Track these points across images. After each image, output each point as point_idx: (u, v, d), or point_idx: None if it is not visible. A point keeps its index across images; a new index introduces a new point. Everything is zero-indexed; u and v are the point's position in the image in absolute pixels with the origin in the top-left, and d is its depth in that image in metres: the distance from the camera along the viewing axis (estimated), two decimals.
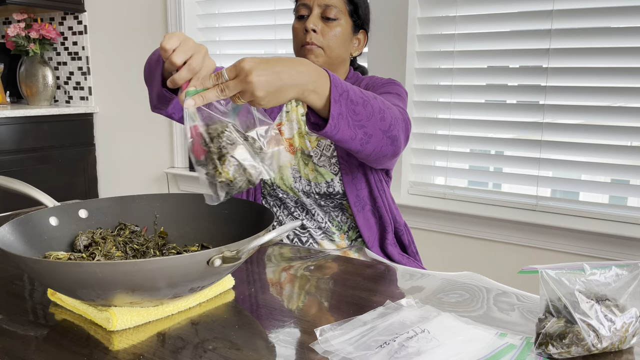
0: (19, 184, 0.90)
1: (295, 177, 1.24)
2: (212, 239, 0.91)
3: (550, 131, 1.88)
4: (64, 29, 3.10)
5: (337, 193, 1.22)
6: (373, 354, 0.63)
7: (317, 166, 1.23)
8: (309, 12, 1.20)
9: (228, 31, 2.65)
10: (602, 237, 1.78)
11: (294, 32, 1.24)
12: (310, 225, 1.26)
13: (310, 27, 1.18)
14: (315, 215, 1.26)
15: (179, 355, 0.64)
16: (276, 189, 1.26)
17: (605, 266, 0.66)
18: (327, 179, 1.21)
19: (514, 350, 0.64)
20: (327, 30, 1.20)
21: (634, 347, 0.68)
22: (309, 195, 1.24)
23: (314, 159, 1.23)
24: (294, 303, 0.81)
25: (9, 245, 0.74)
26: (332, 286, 0.88)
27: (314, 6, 1.19)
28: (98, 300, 0.70)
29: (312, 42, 1.18)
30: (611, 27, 1.75)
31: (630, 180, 1.83)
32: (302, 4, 1.21)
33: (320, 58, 1.20)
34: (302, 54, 1.21)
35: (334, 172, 1.22)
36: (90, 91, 3.09)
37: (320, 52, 1.20)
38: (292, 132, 1.27)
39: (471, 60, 1.99)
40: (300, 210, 1.27)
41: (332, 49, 1.21)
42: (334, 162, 1.22)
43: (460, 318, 0.73)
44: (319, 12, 1.20)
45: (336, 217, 1.26)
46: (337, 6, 1.20)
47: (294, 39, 1.24)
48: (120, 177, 3.10)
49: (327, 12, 1.19)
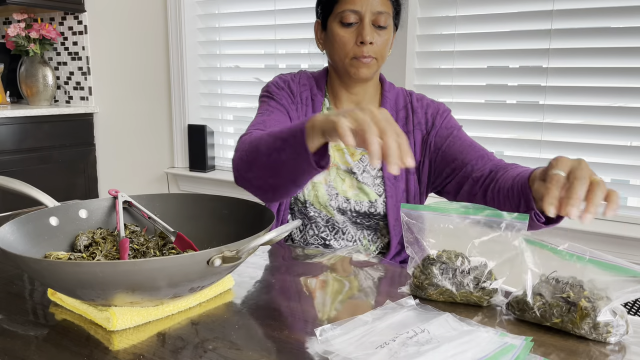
0: (19, 184, 0.90)
1: (331, 195, 1.18)
2: (212, 239, 0.91)
3: (550, 131, 1.88)
4: (64, 29, 3.10)
5: (377, 214, 1.17)
6: (373, 354, 0.63)
7: (361, 183, 1.18)
8: (358, 20, 1.11)
9: (228, 31, 2.64)
10: (602, 237, 1.78)
11: (340, 41, 1.13)
12: (336, 245, 1.20)
13: (368, 40, 1.10)
14: (345, 234, 1.20)
15: (179, 355, 0.64)
16: (309, 206, 1.18)
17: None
18: (371, 199, 1.17)
19: (514, 350, 0.64)
20: (379, 40, 1.12)
21: (634, 347, 0.68)
22: (344, 212, 1.18)
23: (357, 175, 1.18)
24: (294, 303, 0.81)
25: (9, 245, 0.74)
26: (333, 286, 0.88)
27: (366, 14, 1.10)
28: (98, 300, 0.70)
29: (369, 55, 1.12)
30: (611, 27, 1.75)
31: (630, 180, 1.83)
32: (351, 10, 1.11)
33: (372, 68, 1.14)
34: (353, 66, 1.14)
35: (379, 193, 1.17)
36: (90, 91, 3.09)
37: (374, 62, 1.14)
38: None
39: (471, 60, 1.99)
40: (329, 230, 1.20)
41: (383, 57, 1.15)
42: (379, 183, 1.18)
43: (460, 318, 0.73)
44: (370, 20, 1.11)
45: (368, 236, 1.21)
46: (388, 12, 1.13)
47: (341, 49, 1.14)
48: (120, 177, 3.10)
49: (379, 20, 1.11)
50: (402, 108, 1.23)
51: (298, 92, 1.23)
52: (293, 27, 2.43)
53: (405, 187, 1.18)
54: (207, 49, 2.73)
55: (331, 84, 1.25)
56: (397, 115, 1.22)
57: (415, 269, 0.83)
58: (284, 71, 2.49)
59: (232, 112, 2.75)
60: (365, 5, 1.10)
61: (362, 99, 1.23)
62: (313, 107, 1.22)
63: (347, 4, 1.11)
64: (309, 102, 1.23)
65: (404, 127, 1.21)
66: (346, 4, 1.11)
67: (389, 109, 1.21)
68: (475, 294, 0.78)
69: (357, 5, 1.10)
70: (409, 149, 0.70)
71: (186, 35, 2.67)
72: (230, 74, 2.72)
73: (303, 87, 1.24)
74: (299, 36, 2.42)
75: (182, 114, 2.76)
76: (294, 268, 0.98)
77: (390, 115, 0.74)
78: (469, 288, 0.78)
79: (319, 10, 1.20)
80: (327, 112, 0.95)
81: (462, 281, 0.79)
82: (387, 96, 1.23)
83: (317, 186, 1.18)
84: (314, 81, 1.25)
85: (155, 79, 2.84)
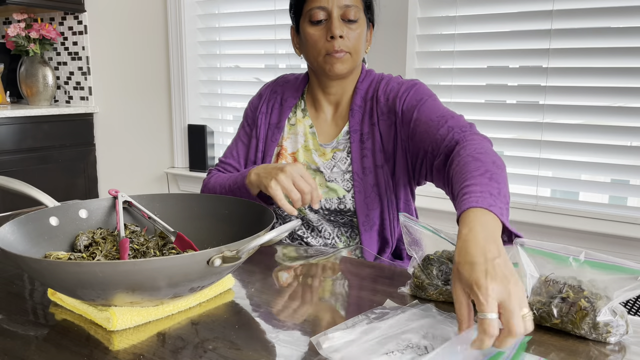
0: (19, 184, 0.90)
1: None
2: (212, 239, 0.91)
3: (550, 131, 1.88)
4: (64, 29, 3.10)
5: (347, 210, 1.17)
6: (373, 353, 0.63)
7: (327, 182, 1.18)
8: (327, 16, 1.11)
9: (228, 31, 2.65)
10: (602, 237, 1.78)
11: (312, 39, 1.13)
12: (315, 242, 1.21)
13: (337, 34, 1.09)
14: (322, 232, 1.21)
15: (179, 355, 0.64)
16: (276, 208, 1.20)
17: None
18: (339, 195, 1.17)
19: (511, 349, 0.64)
20: (351, 33, 1.12)
21: (633, 346, 0.68)
22: (316, 211, 1.19)
23: (325, 174, 1.19)
24: (294, 303, 0.81)
25: (9, 245, 0.74)
26: (333, 286, 0.88)
27: (334, 8, 1.10)
28: (98, 300, 0.70)
29: (341, 49, 1.11)
30: (611, 27, 1.75)
31: (630, 180, 1.83)
32: (318, 7, 1.11)
33: (347, 64, 1.13)
34: (327, 63, 1.13)
35: (347, 189, 1.17)
36: (90, 91, 3.09)
37: (348, 57, 1.13)
38: (296, 145, 1.23)
39: (471, 60, 1.99)
40: (305, 228, 1.22)
41: (357, 52, 1.14)
42: (348, 178, 1.17)
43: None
44: (339, 15, 1.11)
45: (345, 233, 1.21)
46: (356, 5, 1.12)
47: (313, 47, 1.14)
48: (120, 177, 3.10)
49: (348, 14, 1.10)
50: (369, 99, 1.20)
51: (265, 101, 1.29)
52: None
53: (375, 181, 1.16)
54: (207, 49, 2.73)
55: (310, 87, 1.27)
56: (365, 107, 1.19)
57: (415, 269, 0.83)
58: (284, 71, 2.49)
59: (232, 112, 2.75)
60: (332, 0, 1.11)
61: (341, 99, 1.23)
62: (280, 111, 1.27)
63: (313, 2, 1.12)
64: (275, 108, 1.28)
65: (369, 120, 1.18)
66: (313, 2, 1.12)
67: (358, 101, 1.19)
68: None
69: (323, 1, 1.11)
70: (319, 196, 1.00)
71: (186, 35, 2.67)
72: (230, 74, 2.72)
73: (273, 94, 1.29)
74: None
75: (182, 114, 2.76)
76: (294, 268, 0.98)
77: (305, 170, 1.00)
78: None
79: (292, 15, 1.21)
80: (261, 168, 1.04)
81: None
82: (359, 87, 1.21)
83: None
84: (291, 85, 1.29)
85: (155, 79, 2.84)
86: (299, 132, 1.24)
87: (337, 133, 1.22)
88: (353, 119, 1.19)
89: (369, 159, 1.17)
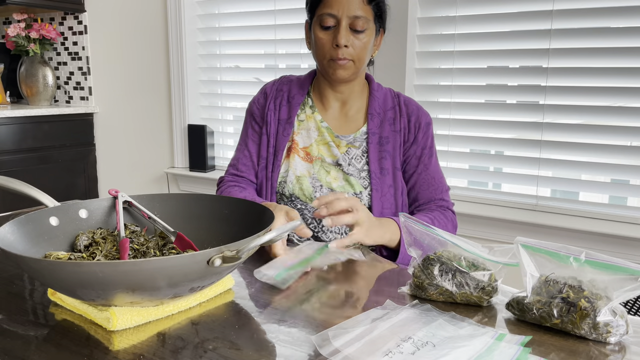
0: (19, 184, 0.90)
1: (316, 187, 1.21)
2: (212, 239, 0.91)
3: (550, 131, 1.88)
4: (64, 29, 3.10)
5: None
6: (373, 353, 0.63)
7: (347, 175, 1.21)
8: (336, 23, 1.15)
9: (228, 31, 2.65)
10: (602, 237, 1.78)
11: (320, 42, 1.18)
12: (325, 238, 1.22)
13: (342, 44, 1.14)
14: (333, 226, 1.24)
15: (179, 355, 0.64)
16: (295, 200, 1.22)
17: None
18: (355, 190, 1.20)
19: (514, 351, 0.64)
20: (357, 43, 1.16)
21: (633, 346, 0.68)
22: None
23: (344, 167, 1.22)
24: (294, 303, 0.81)
25: (9, 245, 0.74)
26: (333, 286, 0.88)
27: (343, 17, 1.14)
28: (98, 300, 0.70)
29: (344, 57, 1.16)
30: (611, 27, 1.75)
31: (630, 180, 1.83)
32: (329, 13, 1.15)
33: (349, 71, 1.18)
34: (330, 67, 1.19)
35: (364, 186, 1.20)
36: (90, 91, 3.09)
37: (351, 64, 1.18)
38: (309, 140, 1.26)
39: (471, 60, 1.99)
40: (317, 222, 1.23)
41: (361, 60, 1.19)
42: (364, 176, 1.21)
43: (460, 318, 0.73)
44: (347, 24, 1.15)
45: None
46: (365, 16, 1.15)
47: (320, 50, 1.19)
48: (120, 177, 3.10)
49: (356, 25, 1.15)
50: (390, 108, 1.28)
51: (272, 99, 1.31)
52: (293, 27, 2.43)
53: (393, 182, 1.21)
54: (207, 49, 2.73)
55: (317, 84, 1.31)
56: (384, 115, 1.27)
57: (416, 268, 0.83)
58: (284, 71, 2.49)
59: (232, 112, 2.75)
60: (342, 10, 1.14)
61: (348, 97, 1.28)
62: (289, 107, 1.29)
63: (325, 8, 1.16)
64: (283, 105, 1.30)
65: (391, 127, 1.25)
66: (325, 8, 1.16)
67: (377, 108, 1.26)
68: (475, 294, 0.78)
69: (334, 9, 1.15)
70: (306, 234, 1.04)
71: (186, 35, 2.67)
72: (230, 74, 2.72)
73: (279, 92, 1.31)
74: (299, 36, 2.42)
75: (182, 114, 2.76)
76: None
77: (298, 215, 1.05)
78: (469, 288, 0.78)
79: (307, 12, 1.26)
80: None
81: (462, 281, 0.79)
82: (375, 95, 1.28)
83: (301, 180, 1.23)
84: (295, 84, 1.32)
85: (155, 79, 2.84)
86: (310, 128, 1.27)
87: (351, 129, 1.27)
88: (372, 122, 1.25)
89: (387, 161, 1.23)
